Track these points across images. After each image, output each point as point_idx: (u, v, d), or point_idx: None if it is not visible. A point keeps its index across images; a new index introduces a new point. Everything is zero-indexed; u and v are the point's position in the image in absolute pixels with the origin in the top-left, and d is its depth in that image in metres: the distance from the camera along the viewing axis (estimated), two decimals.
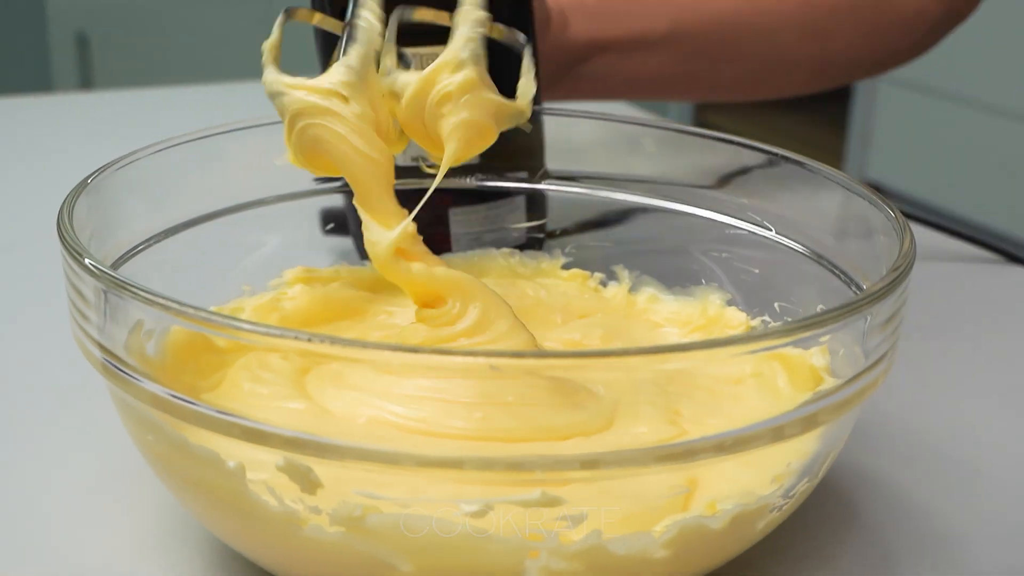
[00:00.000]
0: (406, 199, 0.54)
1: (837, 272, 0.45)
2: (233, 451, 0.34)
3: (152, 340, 0.41)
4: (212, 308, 0.47)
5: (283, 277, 0.51)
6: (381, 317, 0.50)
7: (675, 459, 0.34)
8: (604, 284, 0.53)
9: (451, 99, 0.42)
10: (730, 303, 0.50)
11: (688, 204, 0.51)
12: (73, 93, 2.08)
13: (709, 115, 2.19)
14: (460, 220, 0.55)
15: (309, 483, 0.33)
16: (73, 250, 0.36)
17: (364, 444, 0.32)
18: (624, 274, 0.53)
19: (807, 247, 0.47)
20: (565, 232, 0.54)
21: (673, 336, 0.49)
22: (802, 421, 0.35)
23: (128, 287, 0.34)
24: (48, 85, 2.30)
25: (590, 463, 0.33)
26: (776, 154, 0.48)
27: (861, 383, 0.37)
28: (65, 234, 0.37)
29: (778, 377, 0.44)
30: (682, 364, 0.35)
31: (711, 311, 0.50)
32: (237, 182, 0.48)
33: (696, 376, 0.45)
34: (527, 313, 0.50)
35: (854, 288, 0.44)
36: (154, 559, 0.40)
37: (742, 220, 0.49)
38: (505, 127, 0.44)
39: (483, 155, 0.53)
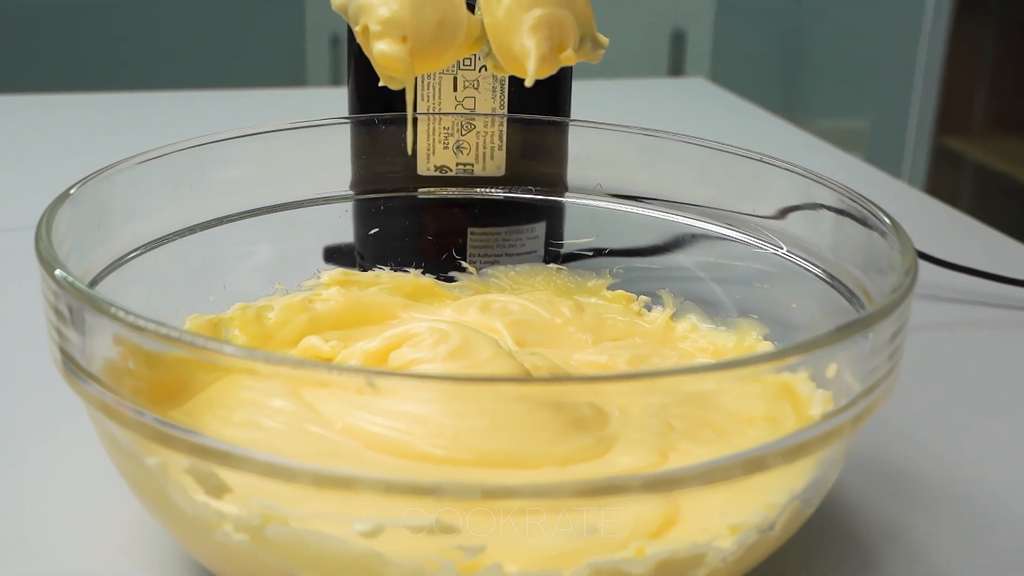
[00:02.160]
0: (429, 209, 0.55)
1: None
2: (154, 449, 0.34)
3: None
4: (238, 304, 0.48)
5: (320, 278, 0.51)
6: (411, 324, 0.49)
7: (589, 495, 0.32)
8: (649, 308, 0.51)
9: None
10: (767, 338, 0.47)
11: (746, 233, 0.48)
12: (325, 88, 2.17)
13: (950, 139, 2.08)
14: (478, 239, 0.54)
15: (214, 487, 0.33)
16: (45, 261, 0.36)
17: (262, 455, 0.32)
18: (669, 300, 0.51)
19: (851, 291, 0.44)
20: (614, 252, 0.52)
21: None
22: (743, 464, 0.33)
23: (92, 301, 0.34)
24: (302, 80, 2.42)
25: (493, 493, 0.31)
26: (840, 191, 0.45)
27: (818, 430, 0.34)
28: (40, 243, 0.37)
29: (788, 422, 0.41)
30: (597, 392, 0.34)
31: (745, 344, 0.47)
32: (226, 192, 0.48)
33: (705, 411, 0.42)
34: (557, 332, 0.49)
35: None
36: (138, 558, 0.40)
37: (794, 255, 0.46)
38: (584, 53, 0.43)
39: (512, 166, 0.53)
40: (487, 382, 0.35)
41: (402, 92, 0.55)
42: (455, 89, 0.55)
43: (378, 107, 0.56)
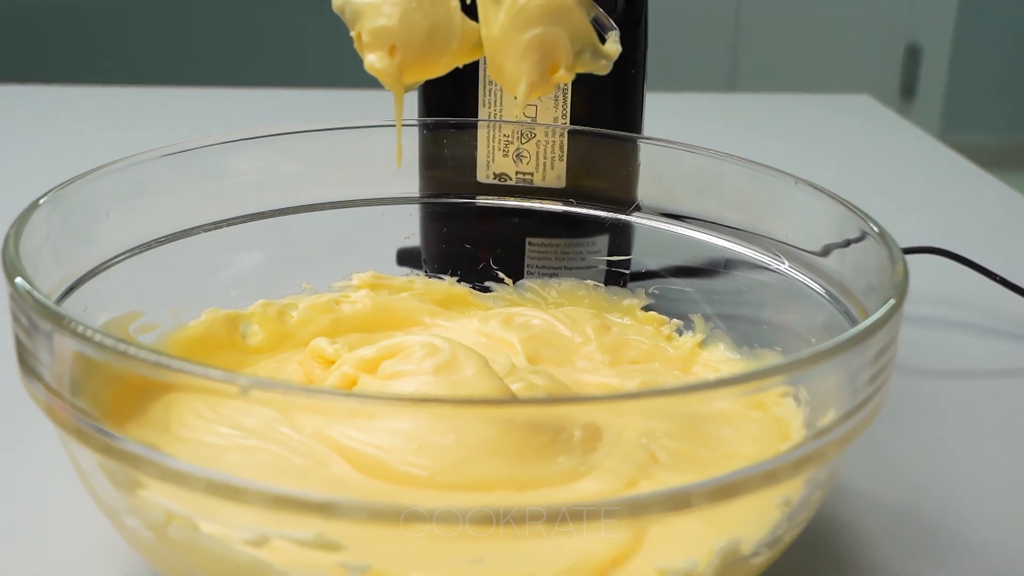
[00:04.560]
0: (487, 216, 0.53)
1: None
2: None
3: (154, 332, 0.44)
4: (260, 300, 0.48)
5: (351, 280, 0.51)
6: (434, 331, 0.49)
7: (482, 524, 0.31)
8: (680, 332, 0.49)
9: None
10: None
11: (788, 265, 0.45)
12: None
13: None
14: (536, 250, 0.53)
15: (125, 483, 0.33)
16: (7, 266, 0.36)
17: (164, 458, 0.31)
18: (700, 325, 0.48)
19: None
20: (650, 274, 0.50)
21: None
22: (664, 501, 0.31)
23: (43, 309, 0.34)
24: None
25: (379, 515, 0.30)
26: (867, 220, 0.42)
27: (748, 472, 0.32)
28: (8, 253, 0.37)
29: None
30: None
31: None
32: (260, 188, 0.48)
33: (698, 447, 0.40)
34: (574, 351, 0.48)
35: None
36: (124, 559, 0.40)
37: (829, 293, 0.43)
38: (581, 65, 0.42)
39: (572, 179, 0.52)
40: (404, 402, 0.34)
41: (470, 98, 0.55)
42: (517, 96, 0.54)
43: (446, 111, 0.56)
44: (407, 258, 0.56)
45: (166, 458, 0.31)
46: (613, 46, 0.43)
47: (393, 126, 0.51)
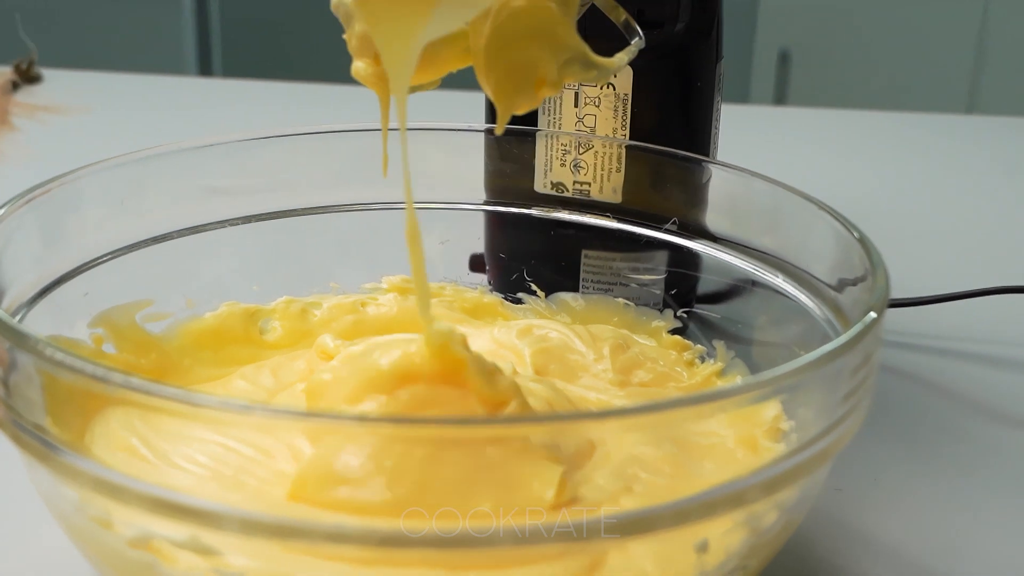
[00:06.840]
0: (541, 228, 0.52)
1: None
2: None
3: (166, 321, 0.45)
4: (284, 297, 0.48)
5: (381, 283, 0.50)
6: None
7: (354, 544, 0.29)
8: (703, 359, 0.46)
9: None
10: None
11: (807, 295, 0.42)
12: (767, 106, 2.13)
13: None
14: (592, 264, 0.51)
15: (56, 470, 0.33)
16: None
17: (64, 453, 0.31)
18: (722, 353, 0.46)
19: None
20: (682, 296, 0.48)
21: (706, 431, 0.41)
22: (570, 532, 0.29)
23: None
24: (745, 97, 2.37)
25: (250, 527, 0.30)
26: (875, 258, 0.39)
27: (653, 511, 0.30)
28: None
29: None
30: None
31: (763, 415, 0.41)
32: (236, 192, 0.48)
33: (677, 481, 0.38)
34: (583, 368, 0.47)
35: None
36: None
37: (834, 327, 0.40)
38: (570, 76, 0.40)
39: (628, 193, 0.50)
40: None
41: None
42: (576, 105, 0.52)
43: (516, 119, 0.54)
44: (477, 265, 0.55)
45: (60, 452, 0.31)
46: (619, 56, 0.40)
47: (428, 129, 0.50)
